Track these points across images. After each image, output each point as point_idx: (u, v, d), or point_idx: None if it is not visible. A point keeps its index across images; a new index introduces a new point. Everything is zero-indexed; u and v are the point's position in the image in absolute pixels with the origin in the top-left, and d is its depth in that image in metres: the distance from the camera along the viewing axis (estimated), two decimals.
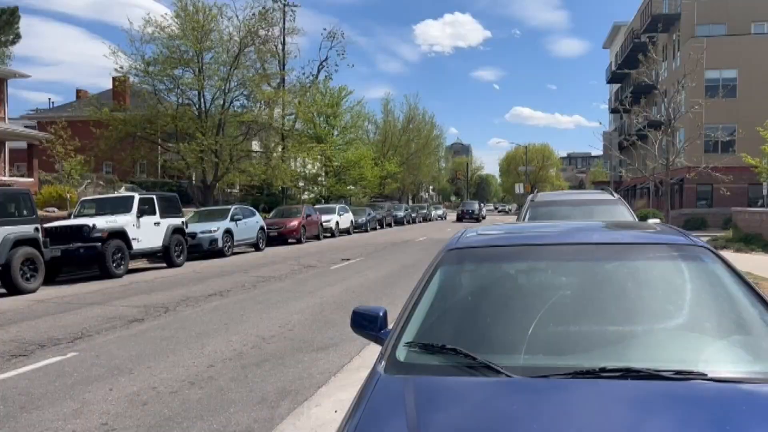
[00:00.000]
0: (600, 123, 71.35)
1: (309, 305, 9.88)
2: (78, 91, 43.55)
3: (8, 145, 28.85)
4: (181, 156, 29.22)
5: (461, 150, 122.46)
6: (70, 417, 4.75)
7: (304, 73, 38.25)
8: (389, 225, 41.33)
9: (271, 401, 5.06)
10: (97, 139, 28.10)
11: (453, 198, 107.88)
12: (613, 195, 9.08)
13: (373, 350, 6.17)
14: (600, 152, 42.34)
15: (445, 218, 59.78)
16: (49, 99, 61.98)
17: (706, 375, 2.06)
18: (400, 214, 45.12)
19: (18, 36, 21.44)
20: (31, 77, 32.26)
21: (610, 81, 58.10)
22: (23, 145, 30.04)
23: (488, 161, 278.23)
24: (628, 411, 1.95)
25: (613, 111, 57.39)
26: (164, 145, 31.43)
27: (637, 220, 8.76)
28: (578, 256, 2.85)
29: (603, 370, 2.09)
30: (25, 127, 32.87)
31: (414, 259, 17.44)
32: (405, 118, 63.66)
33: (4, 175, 26.28)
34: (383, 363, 2.34)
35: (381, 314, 2.90)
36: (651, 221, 5.73)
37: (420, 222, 49.96)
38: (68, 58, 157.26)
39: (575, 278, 2.79)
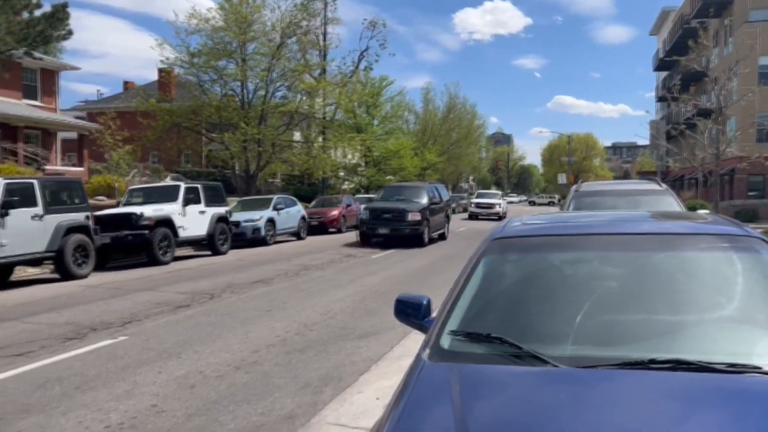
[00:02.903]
0: (647, 111, 69.62)
1: (350, 294, 9.97)
2: (125, 83, 44.71)
3: (60, 135, 29.82)
4: (225, 146, 29.73)
5: (502, 140, 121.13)
6: (123, 398, 4.92)
7: (344, 63, 38.36)
8: None
9: (315, 387, 5.15)
10: (144, 129, 28.81)
11: (493, 188, 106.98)
12: (660, 185, 8.88)
13: (414, 339, 6.21)
14: (646, 142, 41.31)
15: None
16: (98, 90, 63.84)
17: (760, 368, 2.02)
18: None
19: (69, 32, 21.98)
20: (81, 69, 33.32)
21: (658, 68, 56.47)
22: (74, 135, 31.03)
23: (530, 151, 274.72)
24: (678, 404, 1.93)
25: (660, 99, 55.82)
26: (208, 136, 32.01)
27: (685, 211, 8.55)
28: (626, 247, 2.81)
29: (652, 361, 2.07)
30: (76, 118, 33.91)
31: (454, 249, 17.39)
32: (445, 107, 63.23)
33: (57, 165, 27.18)
34: (427, 351, 2.36)
35: (425, 303, 2.92)
36: (700, 212, 5.58)
37: (460, 212, 49.69)
38: (115, 51, 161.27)
39: (623, 269, 2.75)
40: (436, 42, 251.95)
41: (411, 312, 2.91)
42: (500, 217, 34.35)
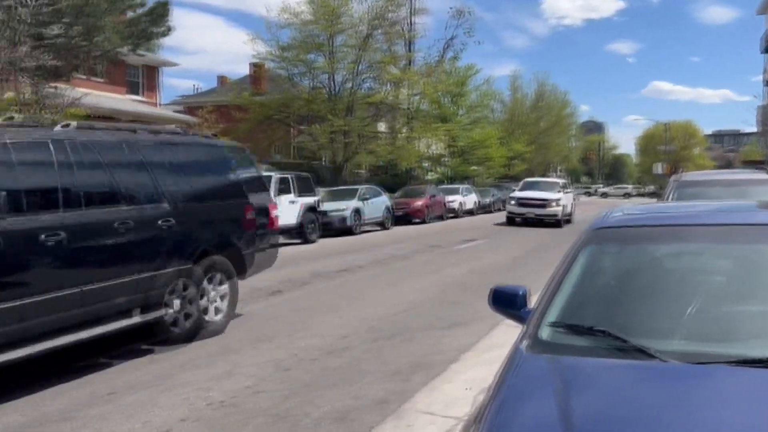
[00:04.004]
0: (754, 96, 64.90)
1: (436, 283, 9.98)
2: (220, 78, 46.59)
3: None
4: (313, 138, 30.45)
5: (594, 128, 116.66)
6: (222, 377, 5.18)
7: (430, 53, 38.21)
8: None
9: (404, 374, 5.21)
10: (237, 122, 29.98)
11: (584, 179, 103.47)
12: None
13: (503, 331, 6.13)
14: (753, 129, 38.60)
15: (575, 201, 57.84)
16: (194, 85, 66.85)
17: None
18: None
19: (169, 29, 23.13)
20: (179, 65, 35.21)
21: (766, 50, 52.54)
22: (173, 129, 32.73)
23: (623, 140, 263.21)
24: None
25: None
26: (298, 128, 32.87)
27: None
28: (736, 238, 2.66)
29: None
30: (174, 112, 35.75)
31: (540, 241, 17.01)
32: (534, 95, 61.75)
33: None
34: (526, 342, 2.34)
35: (521, 293, 2.88)
36: None
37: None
38: (210, 47, 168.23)
39: (733, 261, 2.61)
40: (524, 28, 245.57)
41: (507, 302, 2.88)
42: (558, 221, 22.35)
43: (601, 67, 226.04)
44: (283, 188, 16.92)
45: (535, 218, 22.43)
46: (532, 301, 2.80)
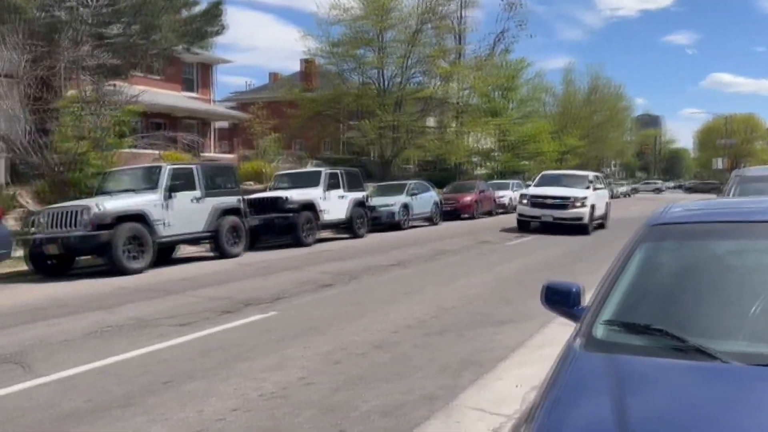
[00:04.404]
0: None
1: (486, 280, 9.90)
2: (272, 74, 47.32)
3: (214, 125, 32.28)
4: (362, 133, 30.61)
5: (650, 122, 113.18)
6: (274, 369, 5.28)
7: (480, 47, 37.80)
8: None
9: (454, 370, 5.19)
10: (288, 118, 30.41)
11: (639, 174, 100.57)
12: None
13: (555, 329, 6.04)
14: None
15: (630, 196, 56.31)
16: (246, 82, 68.04)
17: None
18: None
19: (223, 27, 23.63)
20: (231, 63, 35.86)
21: None
22: (226, 124, 33.47)
23: (681, 134, 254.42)
24: None
25: None
26: (347, 123, 33.11)
27: None
28: None
29: None
30: (227, 108, 36.49)
31: (592, 238, 16.63)
32: (588, 88, 60.34)
33: (212, 152, 29.45)
34: (579, 340, 2.29)
35: (574, 290, 2.83)
36: None
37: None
38: (262, 44, 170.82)
39: None
40: (577, 20, 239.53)
41: (560, 299, 2.83)
42: (585, 228, 17.40)
43: (658, 59, 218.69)
44: (333, 183, 17.09)
45: (553, 222, 17.49)
46: (586, 299, 2.75)
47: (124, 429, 4.05)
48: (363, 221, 18.18)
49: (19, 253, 11.59)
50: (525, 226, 18.24)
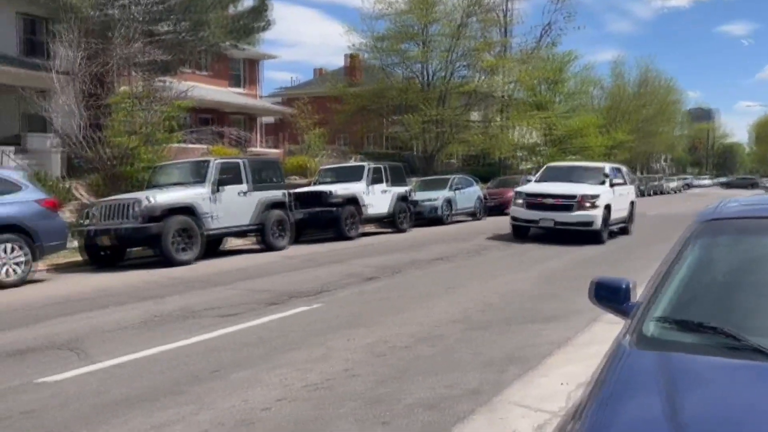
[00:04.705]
0: None
1: (530, 276, 9.77)
2: (317, 70, 47.66)
3: (260, 120, 32.76)
4: (405, 128, 30.60)
5: (703, 115, 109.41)
6: (319, 360, 5.33)
7: (526, 40, 37.23)
8: None
9: (498, 365, 5.15)
10: (333, 113, 30.63)
11: (690, 169, 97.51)
12: None
13: (602, 327, 5.93)
14: None
15: (680, 192, 54.65)
16: (291, 77, 68.77)
17: None
18: None
19: (269, 23, 23.96)
20: (277, 58, 36.25)
21: None
22: (271, 119, 33.92)
23: (736, 128, 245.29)
24: None
25: None
26: (391, 118, 33.15)
27: None
28: None
29: None
30: (273, 103, 36.98)
31: (643, 234, 16.21)
32: (637, 81, 58.80)
33: (258, 147, 29.92)
34: (629, 337, 2.24)
35: (624, 286, 2.76)
36: None
37: (650, 195, 46.20)
38: (307, 39, 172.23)
39: None
40: (627, 12, 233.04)
41: (609, 295, 2.77)
42: (598, 234, 13.95)
43: (711, 51, 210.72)
44: (376, 178, 17.14)
45: (555, 228, 13.99)
46: (637, 295, 2.68)
47: (173, 416, 4.16)
48: (406, 216, 18.18)
49: (74, 244, 12.01)
50: (522, 233, 14.80)
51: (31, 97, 16.69)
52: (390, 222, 17.82)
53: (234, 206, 12.81)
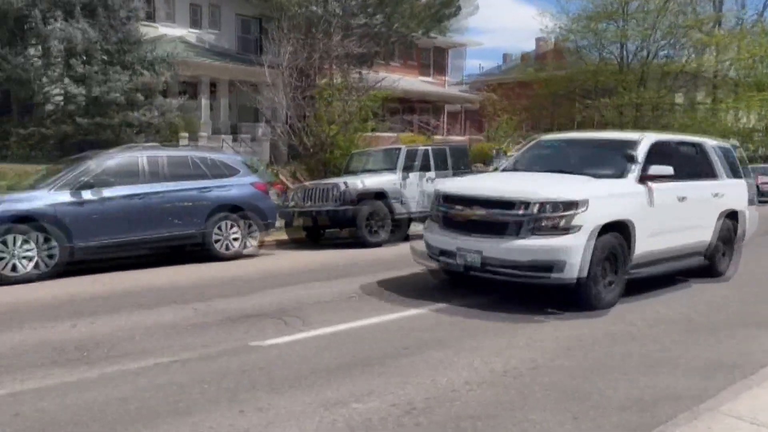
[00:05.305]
0: None
1: (739, 273, 8.76)
2: (505, 55, 46.92)
3: (446, 107, 33.15)
4: (599, 112, 28.99)
5: None
6: (504, 348, 5.32)
7: (746, 13, 33.09)
8: None
9: (704, 371, 4.74)
10: (520, 99, 30.00)
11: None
12: None
13: None
14: None
15: None
16: (479, 64, 68.47)
17: None
18: None
19: (458, 9, 24.09)
20: (464, 46, 36.00)
21: None
22: (457, 107, 34.17)
23: None
24: None
25: None
26: (583, 102, 31.63)
27: None
28: None
29: None
30: (460, 91, 37.19)
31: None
32: None
33: (443, 135, 30.34)
34: None
35: None
36: None
37: None
38: (494, 26, 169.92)
39: None
40: None
41: None
42: (581, 296, 6.55)
43: None
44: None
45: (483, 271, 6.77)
46: None
47: (364, 386, 4.44)
48: None
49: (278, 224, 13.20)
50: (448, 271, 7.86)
51: (246, 90, 18.62)
52: None
53: (421, 192, 13.14)
